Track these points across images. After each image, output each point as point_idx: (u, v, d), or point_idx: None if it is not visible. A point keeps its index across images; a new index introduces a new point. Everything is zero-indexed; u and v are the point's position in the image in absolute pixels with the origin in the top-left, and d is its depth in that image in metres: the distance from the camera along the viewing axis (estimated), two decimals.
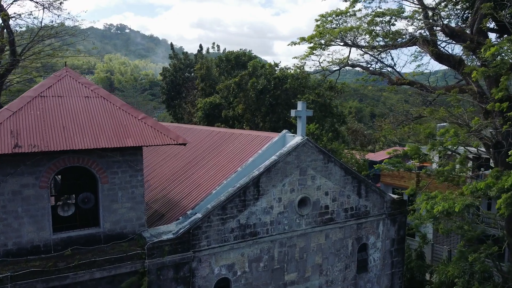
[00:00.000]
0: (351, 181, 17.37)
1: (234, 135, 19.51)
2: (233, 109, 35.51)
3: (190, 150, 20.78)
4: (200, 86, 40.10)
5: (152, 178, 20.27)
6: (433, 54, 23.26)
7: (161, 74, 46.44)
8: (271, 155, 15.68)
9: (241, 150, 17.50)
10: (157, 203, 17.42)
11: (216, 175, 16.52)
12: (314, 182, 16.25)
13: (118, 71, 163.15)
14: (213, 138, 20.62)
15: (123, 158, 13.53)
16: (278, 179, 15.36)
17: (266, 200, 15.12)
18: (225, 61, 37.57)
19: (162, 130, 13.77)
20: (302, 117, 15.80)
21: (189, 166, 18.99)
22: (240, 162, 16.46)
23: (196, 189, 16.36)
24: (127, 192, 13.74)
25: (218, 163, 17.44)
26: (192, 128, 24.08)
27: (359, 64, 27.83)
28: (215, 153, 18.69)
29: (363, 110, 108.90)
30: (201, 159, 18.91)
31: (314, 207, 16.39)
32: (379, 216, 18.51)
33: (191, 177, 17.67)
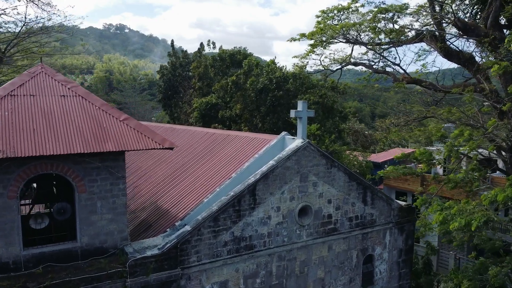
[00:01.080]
0: (356, 187, 15.85)
1: (230, 137, 17.98)
2: (230, 109, 33.98)
3: (183, 153, 19.25)
4: (197, 85, 38.55)
5: (142, 183, 18.76)
6: (441, 51, 21.75)
7: (159, 72, 44.84)
8: (268, 159, 14.17)
9: (236, 153, 15.98)
10: (145, 211, 15.90)
11: (208, 182, 14.99)
12: (316, 189, 14.73)
13: (117, 71, 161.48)
14: (207, 140, 19.09)
15: (102, 164, 12.00)
16: (277, 186, 13.84)
17: (263, 209, 13.61)
18: (219, 60, 35.98)
19: (146, 133, 12.24)
20: (302, 118, 14.27)
21: (181, 171, 17.46)
22: (235, 167, 14.94)
23: (186, 197, 14.83)
24: (107, 202, 12.22)
25: (212, 168, 15.91)
26: (186, 130, 22.55)
27: (362, 62, 26.32)
28: (209, 156, 17.17)
29: (363, 110, 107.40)
30: (194, 163, 17.39)
31: (316, 216, 14.87)
32: (386, 225, 16.99)
33: (182, 183, 16.15)
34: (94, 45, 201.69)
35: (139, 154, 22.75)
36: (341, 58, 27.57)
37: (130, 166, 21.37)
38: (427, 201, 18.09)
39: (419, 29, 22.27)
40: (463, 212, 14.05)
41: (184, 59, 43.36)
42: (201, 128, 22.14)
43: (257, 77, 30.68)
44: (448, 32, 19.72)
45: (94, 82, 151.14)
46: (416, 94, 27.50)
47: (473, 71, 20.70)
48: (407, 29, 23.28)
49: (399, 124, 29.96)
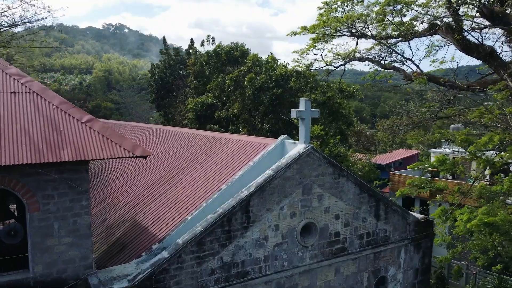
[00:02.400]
0: (367, 200, 13.46)
1: (222, 140, 15.60)
2: (227, 109, 31.57)
3: (170, 158, 16.88)
4: (192, 84, 36.13)
5: (122, 193, 16.38)
6: (459, 44, 19.36)
7: (150, 71, 42.31)
8: (265, 168, 11.79)
9: (227, 160, 13.59)
10: (122, 227, 13.51)
11: (195, 194, 12.61)
12: (321, 203, 12.34)
13: (117, 71, 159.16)
14: (197, 144, 16.71)
15: (60, 177, 9.63)
16: (275, 200, 11.45)
17: (258, 229, 11.22)
18: (215, 56, 33.49)
19: (113, 138, 9.85)
20: (305, 119, 11.88)
21: (165, 179, 15.08)
22: (225, 176, 12.56)
23: (169, 212, 12.45)
24: (67, 223, 9.86)
25: (199, 177, 13.53)
26: (175, 132, 20.15)
27: (368, 58, 23.89)
28: (197, 163, 14.78)
29: (363, 110, 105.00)
30: (180, 171, 15.01)
31: (322, 235, 12.48)
32: (400, 242, 14.61)
33: (166, 194, 13.76)
34: (93, 45, 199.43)
35: (123, 160, 20.39)
36: (344, 53, 25.22)
37: (111, 173, 19.03)
38: (446, 212, 15.67)
39: (434, 19, 19.87)
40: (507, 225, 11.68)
41: (176, 56, 40.89)
42: (191, 130, 19.78)
43: (256, 75, 28.26)
44: (471, 19, 17.24)
45: (93, 82, 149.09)
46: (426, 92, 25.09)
47: (495, 66, 18.34)
48: (418, 21, 20.89)
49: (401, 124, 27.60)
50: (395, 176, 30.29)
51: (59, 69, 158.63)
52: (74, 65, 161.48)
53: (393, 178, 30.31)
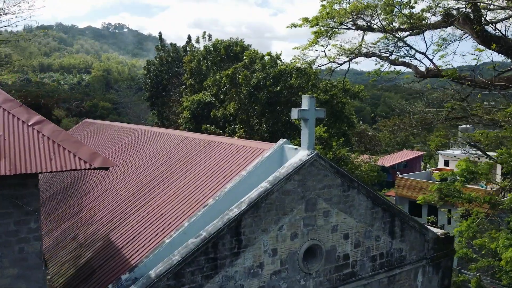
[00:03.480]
0: (381, 215, 11.37)
1: (212, 144, 13.50)
2: (224, 108, 29.43)
3: (155, 163, 14.80)
4: (188, 81, 33.99)
5: (98, 204, 14.29)
6: (478, 36, 17.28)
7: (145, 68, 40.15)
8: (260, 179, 9.69)
9: (217, 168, 11.50)
10: (93, 248, 11.42)
11: (177, 209, 10.52)
12: (328, 220, 10.24)
13: (116, 70, 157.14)
14: (185, 148, 14.62)
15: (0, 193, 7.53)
16: (272, 219, 9.35)
17: (252, 254, 9.12)
18: (213, 51, 31.33)
19: (67, 145, 7.75)
20: (309, 120, 9.77)
21: (146, 189, 12.99)
22: (213, 188, 10.48)
23: (145, 231, 10.36)
24: (11, 251, 7.77)
25: (183, 188, 11.44)
26: (163, 133, 18.05)
27: (375, 53, 21.79)
28: (183, 170, 12.69)
29: (364, 109, 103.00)
30: (164, 179, 12.92)
31: (328, 258, 10.38)
32: (418, 262, 12.51)
33: (144, 208, 11.67)
34: (92, 45, 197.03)
35: None
36: (349, 49, 23.11)
37: (92, 179, 16.94)
38: (472, 228, 13.53)
39: (449, 10, 17.76)
40: None
41: (173, 53, 38.72)
42: (180, 132, 17.71)
43: (253, 72, 26.12)
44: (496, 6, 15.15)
45: (91, 81, 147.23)
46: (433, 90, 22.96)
47: None
48: (429, 13, 18.78)
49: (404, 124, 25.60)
50: (401, 180, 28.25)
51: (58, 69, 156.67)
52: (73, 64, 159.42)
53: (399, 182, 28.27)
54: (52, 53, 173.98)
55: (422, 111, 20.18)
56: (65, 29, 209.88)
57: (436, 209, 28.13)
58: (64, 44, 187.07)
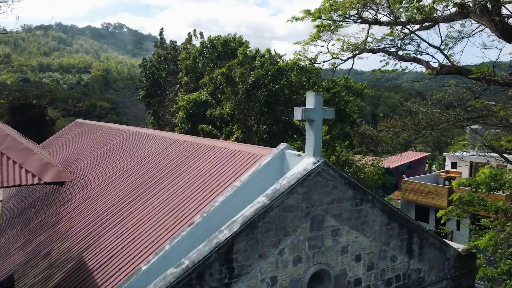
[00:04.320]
0: (398, 232, 9.70)
1: (204, 148, 11.84)
2: (222, 108, 27.73)
3: (140, 169, 13.16)
4: (184, 80, 32.30)
5: (77, 215, 12.64)
6: (497, 29, 15.63)
7: (141, 65, 38.37)
8: (257, 191, 8.03)
9: (207, 177, 9.83)
10: (63, 270, 9.75)
11: (158, 226, 8.86)
12: (337, 240, 8.57)
13: (115, 70, 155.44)
14: (174, 152, 12.97)
15: None
16: (271, 241, 7.68)
17: (246, 284, 7.44)
18: (210, 47, 29.59)
19: (13, 155, 6.08)
20: (316, 121, 8.09)
21: (128, 200, 11.34)
22: (200, 202, 8.82)
23: (121, 253, 8.69)
24: None
25: (168, 201, 9.78)
26: (152, 135, 16.39)
27: (383, 48, 20.11)
28: (170, 179, 11.03)
29: (364, 109, 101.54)
30: (148, 189, 11.26)
31: (337, 284, 8.70)
32: (438, 283, 10.83)
33: (123, 224, 10.00)
34: (92, 44, 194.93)
35: (90, 165, 16.75)
36: (354, 44, 21.44)
37: (75, 184, 15.32)
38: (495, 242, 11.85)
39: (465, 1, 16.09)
40: None
41: (172, 51, 36.97)
42: (171, 133, 16.06)
43: (250, 70, 24.41)
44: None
45: (91, 81, 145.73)
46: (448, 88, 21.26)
47: None
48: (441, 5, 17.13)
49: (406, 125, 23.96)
50: (407, 184, 26.59)
51: (57, 69, 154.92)
52: (73, 64, 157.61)
53: (406, 185, 26.62)
54: (51, 53, 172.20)
55: (434, 111, 18.51)
56: (64, 28, 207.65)
57: None
58: (64, 44, 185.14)
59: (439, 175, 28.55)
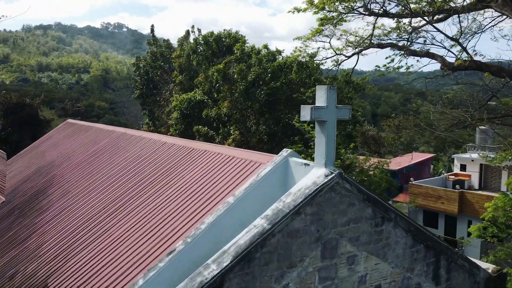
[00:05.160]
0: (423, 255, 8.02)
1: (194, 153, 10.17)
2: (219, 108, 26.03)
3: (122, 177, 11.50)
4: (178, 78, 30.62)
5: (51, 229, 10.99)
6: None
7: (134, 64, 36.65)
8: (254, 211, 6.36)
9: (195, 189, 8.15)
10: None
11: (132, 254, 7.18)
12: (353, 269, 6.89)
13: (114, 70, 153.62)
14: (160, 158, 11.30)
15: None
16: (272, 275, 6.00)
17: None
18: (204, 44, 27.86)
19: None
20: (328, 123, 6.38)
21: (103, 216, 9.66)
22: (186, 222, 7.14)
23: (87, 285, 7.01)
24: None
25: (146, 220, 8.09)
26: (139, 138, 14.70)
27: (392, 43, 18.47)
28: (151, 191, 9.34)
29: (365, 109, 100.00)
30: (126, 203, 9.58)
31: None
32: None
33: (95, 245, 8.32)
34: (91, 44, 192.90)
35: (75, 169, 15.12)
36: (360, 37, 19.77)
37: (54, 192, 13.69)
38: None
39: None
40: None
41: (166, 48, 35.29)
42: (160, 136, 14.39)
43: (248, 67, 22.71)
44: None
45: (90, 81, 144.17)
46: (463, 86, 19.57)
47: None
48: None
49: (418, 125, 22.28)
50: (415, 187, 24.93)
51: (56, 68, 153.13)
52: (72, 64, 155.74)
53: (414, 189, 24.97)
54: (50, 52, 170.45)
55: (451, 111, 16.85)
56: (64, 28, 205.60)
57: (455, 220, 24.79)
58: (63, 43, 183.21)
59: (448, 178, 26.89)
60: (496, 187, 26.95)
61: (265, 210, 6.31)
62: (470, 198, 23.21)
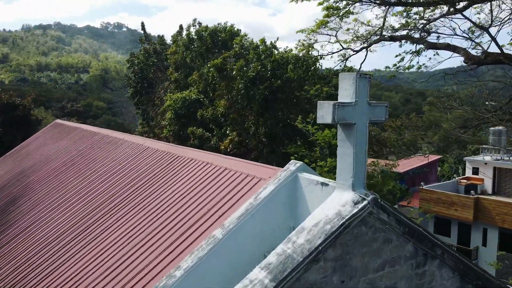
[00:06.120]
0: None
1: (179, 161, 8.20)
2: (214, 107, 24.04)
3: (92, 192, 9.53)
4: (173, 76, 28.64)
5: (16, 246, 9.03)
6: None
7: (128, 61, 34.58)
8: (251, 252, 4.36)
9: (174, 213, 6.16)
10: None
11: None
12: None
13: (114, 70, 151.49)
14: (139, 167, 9.33)
15: None
16: None
17: None
18: (198, 39, 25.74)
19: None
20: (358, 127, 4.39)
21: (68, 238, 7.69)
22: (155, 263, 5.15)
23: None
24: None
25: (106, 255, 6.11)
26: (121, 140, 12.72)
27: (406, 35, 16.51)
28: (121, 213, 7.36)
29: None
30: (93, 224, 7.61)
31: None
32: None
33: (44, 283, 6.34)
34: (91, 44, 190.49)
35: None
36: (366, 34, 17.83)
37: (28, 201, 11.76)
38: None
39: None
40: None
41: (160, 45, 33.27)
42: (142, 139, 12.41)
43: (248, 63, 20.71)
44: None
45: (89, 81, 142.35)
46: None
47: None
48: None
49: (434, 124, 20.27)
50: (426, 193, 22.98)
51: (55, 68, 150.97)
52: (71, 64, 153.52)
53: (424, 195, 23.02)
54: (50, 52, 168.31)
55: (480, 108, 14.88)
56: (63, 28, 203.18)
57: (469, 228, 22.81)
58: (63, 43, 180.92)
59: (460, 182, 24.94)
60: (511, 192, 25.00)
61: (265, 249, 4.35)
62: (486, 205, 21.28)
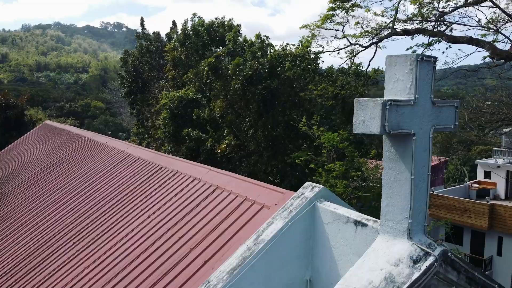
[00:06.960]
0: None
1: (162, 174, 6.60)
2: (210, 108, 22.39)
3: (63, 208, 7.92)
4: (171, 73, 27.00)
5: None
6: None
7: (121, 58, 32.83)
8: None
9: (147, 248, 4.55)
10: None
11: None
12: None
13: (113, 69, 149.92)
14: (117, 179, 7.72)
15: None
16: None
17: None
18: (194, 35, 24.10)
19: None
20: (418, 138, 2.78)
21: (27, 266, 6.07)
22: None
23: None
24: None
25: None
26: (104, 145, 11.12)
27: (422, 28, 14.93)
28: (87, 243, 5.75)
29: None
30: (57, 252, 5.99)
31: None
32: None
33: None
34: (90, 44, 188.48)
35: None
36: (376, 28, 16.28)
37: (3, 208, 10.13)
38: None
39: None
40: None
41: (156, 42, 31.62)
42: (125, 144, 10.79)
43: (245, 61, 19.04)
44: None
45: (88, 80, 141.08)
46: None
47: None
48: None
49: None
50: (438, 199, 21.37)
51: (55, 68, 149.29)
52: (70, 63, 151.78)
53: (435, 201, 21.40)
54: (49, 52, 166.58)
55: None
56: (63, 28, 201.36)
57: (483, 236, 21.24)
58: (62, 43, 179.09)
59: (471, 187, 23.39)
60: None
61: None
62: (502, 212, 19.71)
